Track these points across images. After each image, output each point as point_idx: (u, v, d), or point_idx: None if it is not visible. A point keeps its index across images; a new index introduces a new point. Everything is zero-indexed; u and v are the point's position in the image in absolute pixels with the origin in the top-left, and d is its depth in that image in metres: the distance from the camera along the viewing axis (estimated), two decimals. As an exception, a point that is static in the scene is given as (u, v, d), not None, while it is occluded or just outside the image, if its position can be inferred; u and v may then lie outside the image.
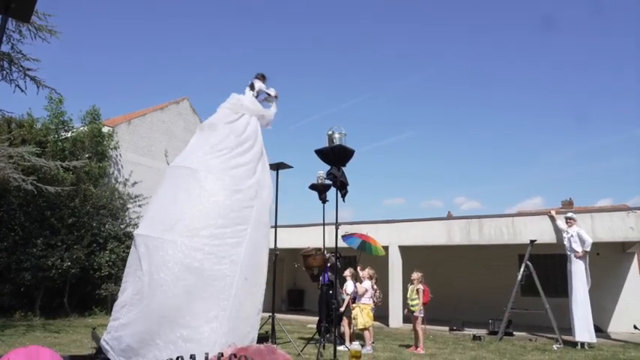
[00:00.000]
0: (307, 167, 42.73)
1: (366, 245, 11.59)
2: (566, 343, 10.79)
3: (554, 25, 53.26)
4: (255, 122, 6.99)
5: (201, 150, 6.51)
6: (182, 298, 5.50)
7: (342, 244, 12.09)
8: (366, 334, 9.51)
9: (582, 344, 10.40)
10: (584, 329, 10.53)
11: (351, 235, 11.82)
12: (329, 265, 9.95)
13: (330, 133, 6.63)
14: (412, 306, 9.62)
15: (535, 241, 12.22)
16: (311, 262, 9.97)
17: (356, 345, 8.50)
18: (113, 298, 13.40)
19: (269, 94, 7.51)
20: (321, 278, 10.26)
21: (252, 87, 7.43)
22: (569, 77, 62.30)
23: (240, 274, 5.84)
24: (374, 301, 9.91)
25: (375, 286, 10.04)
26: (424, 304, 9.64)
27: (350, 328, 9.89)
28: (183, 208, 5.98)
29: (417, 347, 9.53)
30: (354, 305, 9.88)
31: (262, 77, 7.57)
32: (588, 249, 10.89)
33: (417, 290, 9.62)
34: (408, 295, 9.77)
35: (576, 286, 10.82)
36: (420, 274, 9.80)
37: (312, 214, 71.72)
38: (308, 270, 10.21)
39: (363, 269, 10.28)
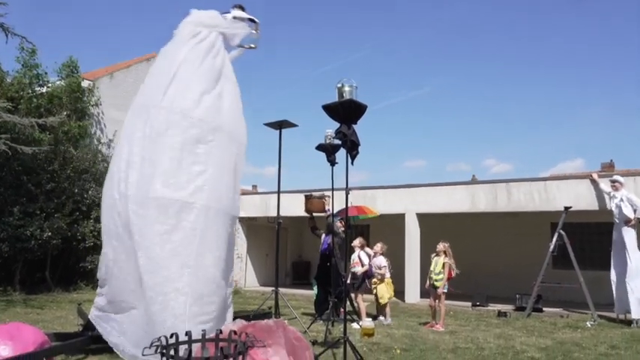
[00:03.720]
0: (314, 126, 42.61)
1: (352, 219, 12.00)
2: (602, 319, 10.96)
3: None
4: (219, 40, 6.88)
5: (155, 82, 6.44)
6: (144, 262, 5.57)
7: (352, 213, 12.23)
8: (388, 307, 10.45)
9: (637, 322, 10.41)
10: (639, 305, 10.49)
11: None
12: (333, 229, 10.03)
13: (339, 86, 6.58)
14: (436, 280, 9.79)
15: (570, 207, 12.26)
16: (309, 205, 10.03)
17: (368, 322, 8.73)
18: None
19: (252, 21, 7.41)
20: (322, 245, 10.35)
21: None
22: (617, 26, 61.02)
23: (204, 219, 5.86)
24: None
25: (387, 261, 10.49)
26: (448, 279, 9.81)
27: (363, 303, 10.14)
28: (130, 157, 6.01)
29: (436, 324, 9.75)
30: (375, 280, 10.41)
31: (240, 8, 7.43)
32: None
33: (444, 264, 9.76)
34: (432, 268, 9.91)
35: (635, 257, 10.74)
36: (445, 245, 9.91)
37: (319, 179, 71.99)
38: (309, 221, 10.29)
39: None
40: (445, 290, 9.81)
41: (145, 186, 5.71)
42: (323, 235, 10.34)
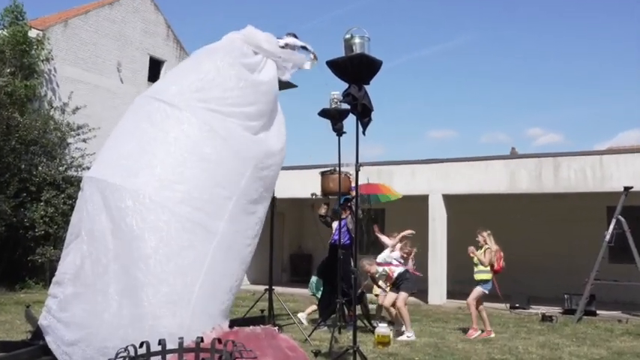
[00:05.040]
0: (317, 87, 42.45)
1: (368, 198, 11.93)
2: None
3: None
4: (274, 70, 7.00)
5: (190, 83, 6.51)
6: (141, 268, 5.65)
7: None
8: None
9: None
10: None
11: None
12: (343, 215, 10.04)
13: (347, 37, 6.54)
14: (478, 277, 9.90)
15: (631, 188, 12.24)
16: (328, 185, 10.00)
17: (384, 328, 8.76)
18: (52, 266, 13.69)
19: (307, 50, 7.52)
20: (333, 235, 10.35)
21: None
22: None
23: (217, 247, 6.00)
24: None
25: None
26: (496, 271, 9.84)
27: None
28: (155, 152, 6.07)
29: (483, 331, 9.77)
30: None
31: (294, 36, 7.55)
32: None
33: (486, 252, 9.83)
34: (475, 262, 9.95)
35: None
36: (484, 234, 9.94)
37: (323, 152, 71.88)
38: (322, 207, 10.30)
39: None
40: (485, 290, 9.83)
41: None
42: (335, 224, 10.32)
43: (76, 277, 6.05)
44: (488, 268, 9.80)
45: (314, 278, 11.12)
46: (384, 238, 10.76)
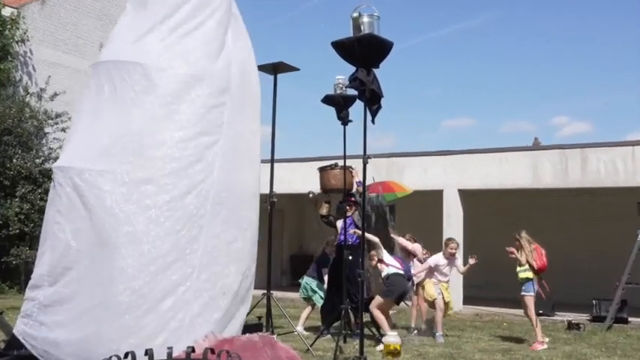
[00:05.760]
0: (321, 70, 42.42)
1: (377, 199, 11.95)
2: None
3: None
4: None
5: (137, 29, 6.45)
6: (132, 262, 5.63)
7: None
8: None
9: None
10: None
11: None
12: (349, 214, 10.01)
13: (355, 15, 6.52)
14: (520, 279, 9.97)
15: (667, 182, 12.22)
16: (328, 180, 9.95)
17: (393, 337, 8.75)
18: (28, 268, 13.68)
19: None
20: (339, 235, 10.33)
21: None
22: None
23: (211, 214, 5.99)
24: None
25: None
26: (539, 271, 9.89)
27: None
28: (122, 122, 6.04)
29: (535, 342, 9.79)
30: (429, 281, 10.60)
31: None
32: None
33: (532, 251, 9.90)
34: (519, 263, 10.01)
35: None
36: (522, 236, 10.05)
37: (327, 143, 71.88)
38: (323, 205, 10.28)
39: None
40: (529, 293, 9.86)
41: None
42: (339, 223, 10.26)
43: (56, 277, 6.04)
44: (526, 266, 9.79)
45: (308, 279, 11.00)
46: (404, 243, 10.82)
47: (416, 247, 11.17)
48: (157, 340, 5.38)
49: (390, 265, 9.63)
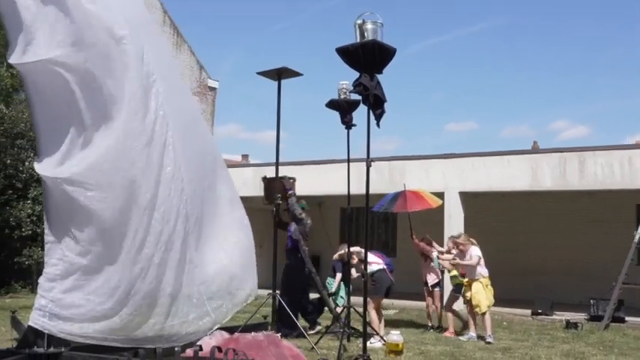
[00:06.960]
0: (325, 76, 42.45)
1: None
2: None
3: None
4: None
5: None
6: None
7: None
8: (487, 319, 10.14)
9: None
10: None
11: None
12: (296, 216, 10.01)
13: (359, 22, 6.54)
14: None
15: (664, 184, 12.22)
16: (272, 188, 9.71)
17: (396, 336, 8.76)
18: (40, 269, 13.67)
19: None
20: (288, 240, 10.37)
21: None
22: None
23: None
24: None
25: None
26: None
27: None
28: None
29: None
30: (469, 280, 10.44)
31: None
32: None
33: None
34: None
35: None
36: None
37: (331, 147, 72.00)
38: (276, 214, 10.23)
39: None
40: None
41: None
42: (292, 227, 10.24)
43: (68, 270, 6.06)
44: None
45: (329, 279, 11.48)
46: (426, 248, 10.91)
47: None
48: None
49: (372, 262, 9.66)
